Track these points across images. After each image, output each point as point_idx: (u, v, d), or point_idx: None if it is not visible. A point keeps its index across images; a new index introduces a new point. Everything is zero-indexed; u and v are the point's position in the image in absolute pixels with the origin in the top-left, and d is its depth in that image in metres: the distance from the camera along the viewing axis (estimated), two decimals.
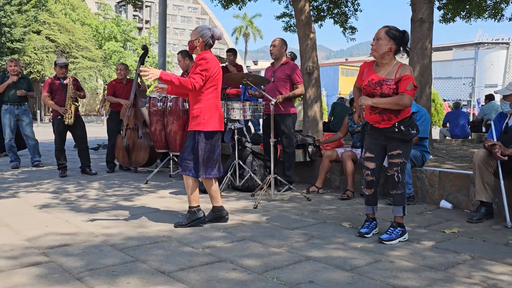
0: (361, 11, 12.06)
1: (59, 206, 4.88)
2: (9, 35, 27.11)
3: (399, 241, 3.64)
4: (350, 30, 12.29)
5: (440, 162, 5.95)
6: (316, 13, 11.98)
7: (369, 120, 3.79)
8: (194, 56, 4.38)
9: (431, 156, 6.33)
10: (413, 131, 3.67)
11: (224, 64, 8.08)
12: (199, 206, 4.10)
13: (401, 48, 3.66)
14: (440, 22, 12.34)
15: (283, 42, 5.86)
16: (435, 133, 14.61)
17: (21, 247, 3.42)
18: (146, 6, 60.76)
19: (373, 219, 3.92)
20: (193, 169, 4.00)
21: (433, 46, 7.31)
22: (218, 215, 4.20)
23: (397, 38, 3.62)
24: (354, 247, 3.47)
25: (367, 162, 3.84)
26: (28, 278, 2.79)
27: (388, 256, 3.27)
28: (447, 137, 12.45)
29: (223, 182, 5.62)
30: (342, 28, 12.25)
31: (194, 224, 4.05)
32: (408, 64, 6.76)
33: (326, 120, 10.03)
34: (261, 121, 8.26)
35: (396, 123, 3.64)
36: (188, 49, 3.98)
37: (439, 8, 11.86)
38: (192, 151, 3.99)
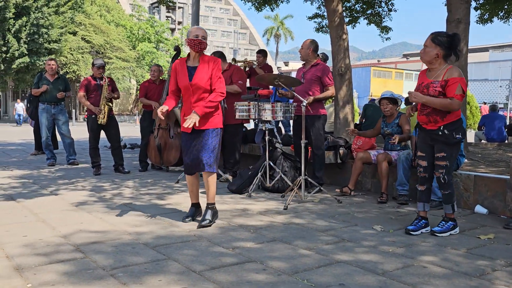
0: (395, 11, 11.90)
1: (93, 203, 4.99)
2: (47, 36, 27.87)
3: (450, 234, 3.87)
4: (385, 30, 12.15)
5: (475, 166, 5.81)
6: (349, 14, 11.89)
7: (419, 120, 3.99)
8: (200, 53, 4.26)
9: (466, 160, 6.19)
10: (457, 136, 3.83)
11: (251, 66, 8.11)
12: None
13: (452, 52, 3.82)
14: (477, 22, 12.05)
15: (311, 44, 5.83)
16: (470, 137, 14.27)
17: (56, 243, 3.52)
18: (179, 7, 61.50)
19: (423, 218, 4.03)
20: (215, 165, 4.16)
21: (469, 47, 7.15)
22: (216, 210, 4.31)
23: (444, 43, 3.79)
24: (385, 251, 3.43)
25: (419, 160, 4.05)
26: (62, 273, 2.87)
27: (420, 261, 3.21)
28: (482, 141, 12.14)
29: (254, 182, 5.64)
30: (378, 28, 12.12)
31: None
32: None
33: (358, 122, 9.94)
34: (291, 122, 8.25)
35: (442, 126, 3.83)
36: (201, 48, 4.10)
37: (475, 9, 11.59)
38: (214, 148, 4.12)
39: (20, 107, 27.51)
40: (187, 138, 4.17)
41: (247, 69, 8.17)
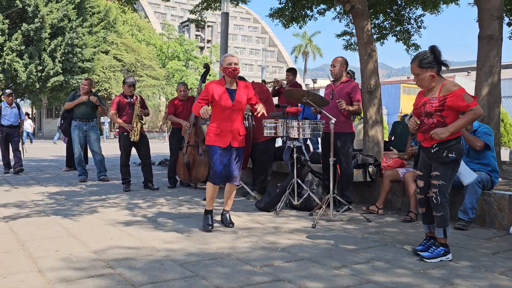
0: (425, 28, 11.80)
1: (123, 219, 5.06)
2: (80, 55, 28.67)
3: (441, 260, 3.65)
4: (414, 48, 12.05)
5: (510, 186, 5.65)
6: (377, 31, 11.85)
7: (418, 138, 3.89)
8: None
9: (500, 179, 6.03)
10: (450, 155, 3.64)
11: (281, 85, 8.13)
12: None
13: (442, 65, 3.67)
14: (510, 38, 11.83)
15: (343, 62, 5.84)
16: (505, 155, 13.90)
17: (87, 258, 3.57)
18: (208, 26, 62.47)
19: (431, 238, 3.89)
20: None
21: (502, 63, 7.01)
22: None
23: (431, 62, 3.65)
24: (418, 272, 3.36)
25: (418, 180, 3.92)
26: None
27: (456, 284, 3.13)
28: None
29: (282, 200, 5.62)
30: (405, 46, 12.03)
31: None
32: (475, 82, 6.54)
33: (387, 139, 9.81)
34: (320, 139, 8.22)
35: (435, 144, 3.68)
36: (235, 74, 4.64)
37: (508, 24, 11.39)
38: (241, 164, 4.79)
39: (28, 124, 24.27)
40: (221, 152, 4.60)
41: (276, 87, 8.21)
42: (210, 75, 7.97)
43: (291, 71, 8.51)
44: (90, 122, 8.47)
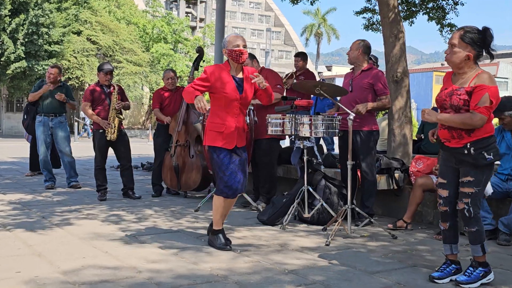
0: (463, 4, 11.79)
1: (99, 234, 5.07)
2: (47, 36, 28.65)
3: (481, 284, 3.62)
4: (449, 28, 12.02)
5: None
6: (406, 8, 11.83)
7: (440, 136, 3.82)
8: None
9: None
10: (488, 156, 3.60)
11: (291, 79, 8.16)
12: None
13: (484, 51, 3.65)
14: None
15: (361, 45, 5.83)
16: None
17: (55, 281, 3.58)
18: (201, 2, 62.58)
19: (453, 262, 3.86)
20: None
21: None
22: None
23: (475, 42, 3.62)
24: None
25: (439, 189, 3.85)
26: None
27: None
28: None
29: (289, 212, 5.63)
30: (438, 26, 12.01)
31: None
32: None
33: (416, 138, 9.81)
34: (335, 139, 8.22)
35: (468, 144, 3.62)
36: (243, 59, 4.57)
37: None
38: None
39: None
40: (229, 156, 4.53)
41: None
42: (204, 61, 7.96)
43: (301, 56, 8.52)
44: (58, 117, 8.46)
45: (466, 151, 3.62)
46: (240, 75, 4.62)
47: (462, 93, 3.61)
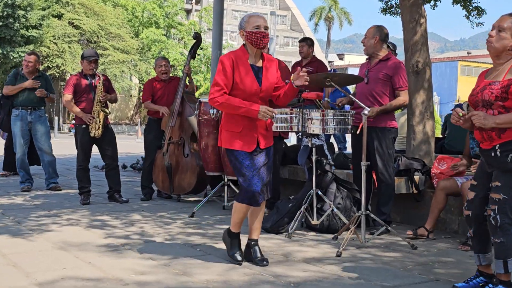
0: None
1: (81, 242, 5.07)
2: (24, 20, 28.65)
3: None
4: (476, 12, 12.00)
5: None
6: None
7: (475, 136, 3.85)
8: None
9: None
10: None
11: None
12: None
13: None
14: None
15: (377, 31, 5.82)
16: None
17: None
18: None
19: (481, 274, 3.87)
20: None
21: None
22: None
23: None
24: None
25: (469, 191, 3.92)
26: None
27: None
28: None
29: (296, 218, 5.62)
30: (464, 10, 11.99)
31: None
32: None
33: (440, 136, 9.81)
34: (348, 136, 8.19)
35: (497, 146, 3.64)
36: (265, 43, 4.37)
37: None
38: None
39: None
40: (249, 158, 4.37)
41: None
42: (201, 48, 7.91)
43: (306, 41, 8.48)
44: (37, 110, 8.45)
45: (493, 153, 3.64)
46: (259, 63, 4.41)
47: (495, 88, 3.59)
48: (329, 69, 9.82)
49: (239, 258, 4.46)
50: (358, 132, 5.54)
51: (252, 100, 4.28)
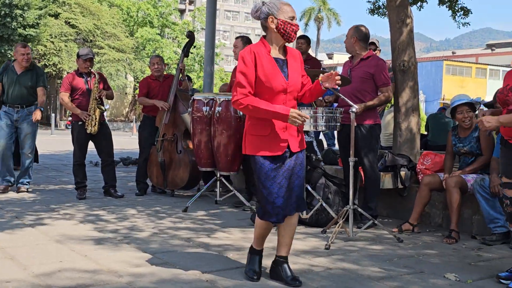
0: None
1: (78, 236, 5.07)
2: (21, 19, 28.49)
3: None
4: (462, 13, 12.02)
5: None
6: None
7: (503, 133, 3.84)
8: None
9: None
10: None
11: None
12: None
13: None
14: None
15: (355, 31, 5.85)
16: None
17: (28, 285, 3.58)
18: None
19: None
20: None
21: None
22: None
23: None
24: None
25: (505, 189, 3.89)
26: None
27: None
28: None
29: None
30: (450, 11, 12.02)
31: None
32: None
33: (425, 133, 9.85)
34: (336, 133, 8.22)
35: None
36: (295, 36, 3.86)
37: None
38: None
39: None
40: (275, 166, 3.75)
41: None
42: (194, 46, 7.90)
43: (305, 38, 8.53)
44: (25, 108, 7.66)
45: None
46: (282, 56, 3.84)
47: None
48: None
49: (254, 276, 3.88)
50: (339, 130, 5.56)
51: (279, 98, 3.73)
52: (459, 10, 12.03)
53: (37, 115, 7.49)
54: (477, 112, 5.82)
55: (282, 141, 3.74)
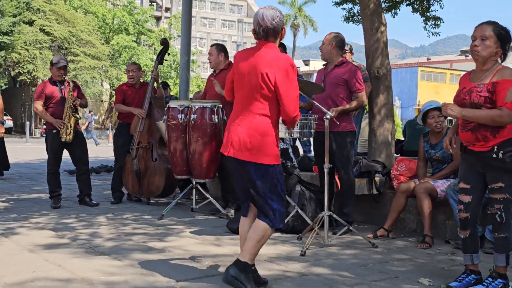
0: None
1: (51, 245, 5.01)
2: None
3: None
4: (433, 22, 12.18)
5: None
6: None
7: (462, 139, 3.85)
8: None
9: None
10: None
11: None
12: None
13: (506, 52, 3.74)
14: None
15: (334, 38, 5.89)
16: None
17: None
18: None
19: (473, 272, 3.91)
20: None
21: None
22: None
23: (504, 39, 3.72)
24: None
25: (461, 195, 3.90)
26: None
27: None
28: None
29: None
30: (423, 19, 12.16)
31: None
32: None
33: (402, 138, 9.91)
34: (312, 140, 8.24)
35: (495, 147, 3.66)
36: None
37: None
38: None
39: None
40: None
41: None
42: (169, 54, 7.87)
43: (281, 46, 8.51)
44: None
45: (494, 155, 3.67)
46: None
47: (482, 90, 3.68)
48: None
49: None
50: (315, 137, 5.59)
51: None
52: (431, 18, 12.18)
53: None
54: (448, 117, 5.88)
55: None
